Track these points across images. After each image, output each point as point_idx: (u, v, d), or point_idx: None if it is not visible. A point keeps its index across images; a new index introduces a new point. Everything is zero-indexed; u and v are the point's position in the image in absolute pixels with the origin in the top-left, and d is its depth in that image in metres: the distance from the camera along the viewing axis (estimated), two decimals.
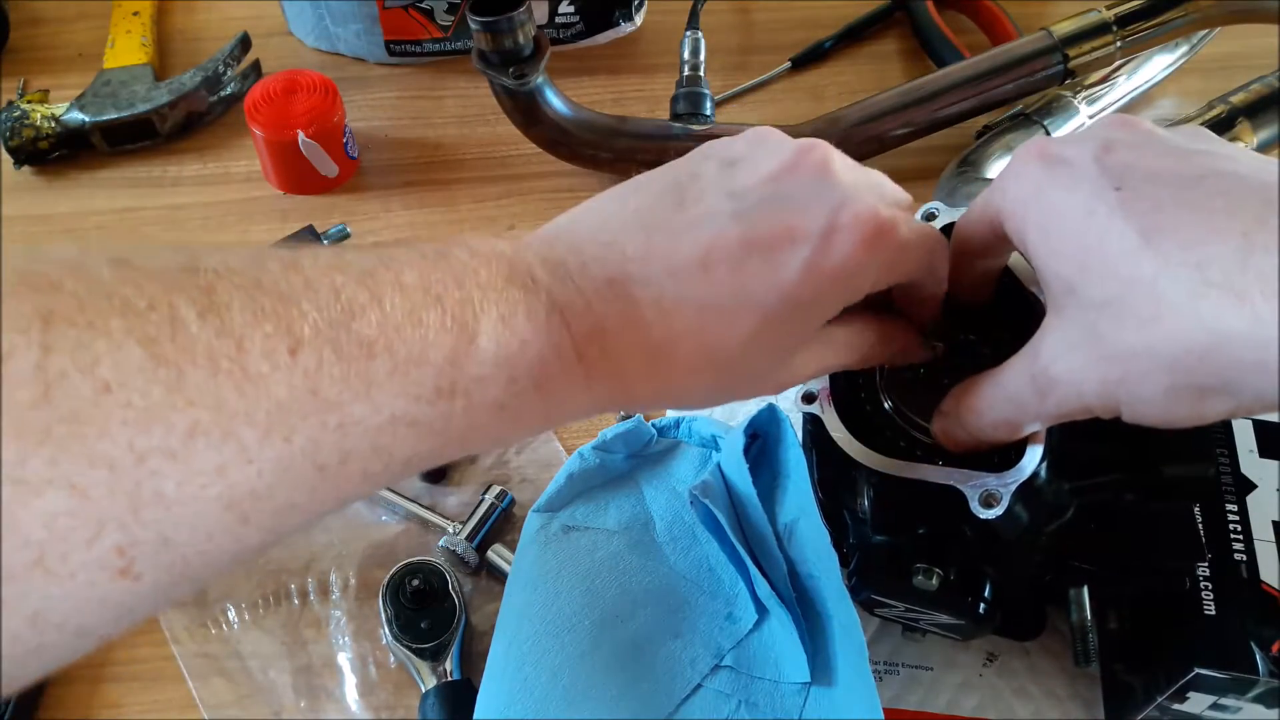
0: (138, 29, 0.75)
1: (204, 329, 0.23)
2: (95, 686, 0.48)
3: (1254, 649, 0.37)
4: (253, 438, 0.23)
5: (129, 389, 0.22)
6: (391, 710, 0.47)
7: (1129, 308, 0.28)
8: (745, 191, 0.32)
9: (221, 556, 0.24)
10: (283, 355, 0.24)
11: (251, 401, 0.23)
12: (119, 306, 0.22)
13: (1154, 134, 0.31)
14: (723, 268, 0.31)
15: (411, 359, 0.26)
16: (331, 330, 0.25)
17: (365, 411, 0.26)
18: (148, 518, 0.22)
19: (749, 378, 0.34)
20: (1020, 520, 0.36)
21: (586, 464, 0.49)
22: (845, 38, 0.76)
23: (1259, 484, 0.42)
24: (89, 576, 0.22)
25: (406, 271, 0.28)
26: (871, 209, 0.32)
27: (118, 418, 0.21)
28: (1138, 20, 0.62)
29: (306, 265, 0.26)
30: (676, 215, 0.32)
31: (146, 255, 0.24)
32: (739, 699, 0.42)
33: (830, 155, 0.33)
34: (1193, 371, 0.28)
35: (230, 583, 0.51)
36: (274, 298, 0.25)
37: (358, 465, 0.26)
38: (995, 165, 0.61)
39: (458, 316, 0.28)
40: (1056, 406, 0.32)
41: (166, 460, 0.22)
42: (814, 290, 0.31)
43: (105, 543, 0.21)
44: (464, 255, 0.29)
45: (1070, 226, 0.30)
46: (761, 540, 0.43)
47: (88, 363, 0.21)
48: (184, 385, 0.22)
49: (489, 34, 0.58)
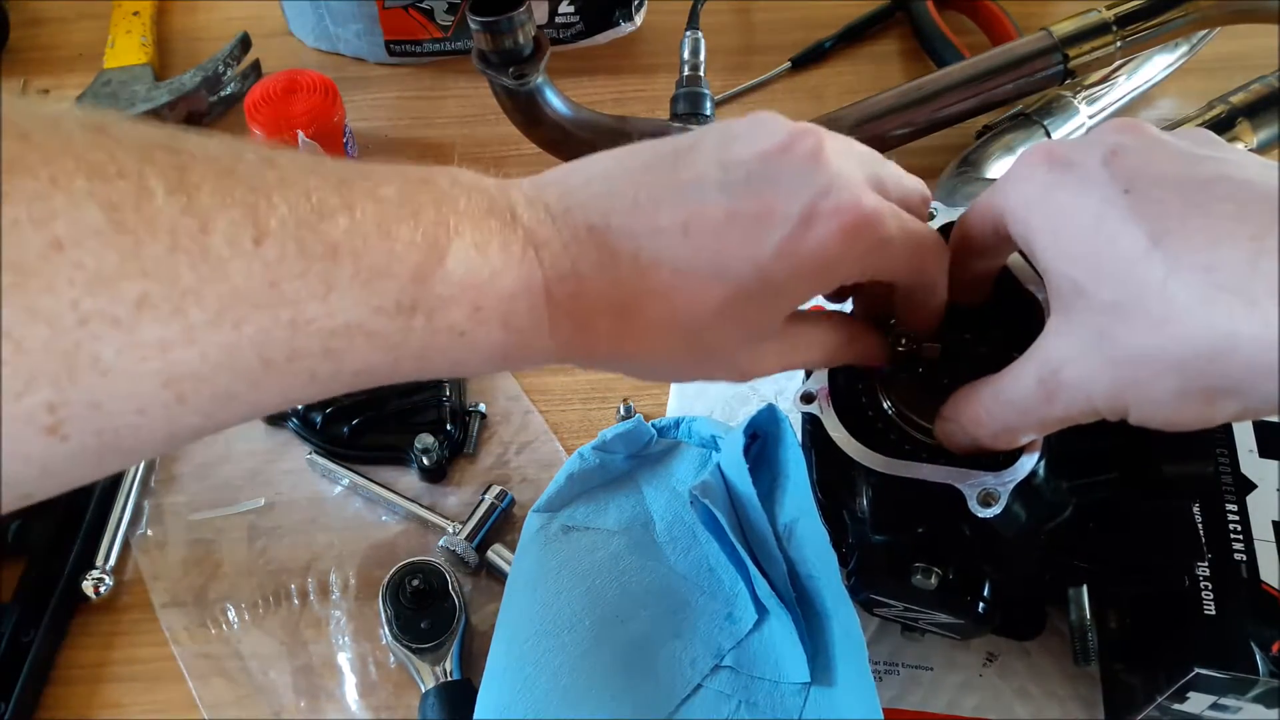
0: (138, 29, 0.75)
1: (170, 204, 0.23)
2: (95, 686, 0.48)
3: (1254, 649, 0.37)
4: (201, 319, 0.23)
5: (82, 249, 0.21)
6: (391, 710, 0.47)
7: (1139, 310, 0.28)
8: (736, 165, 0.32)
9: (154, 434, 0.24)
10: (246, 243, 0.24)
11: (206, 283, 0.23)
12: (86, 168, 0.22)
13: (1160, 138, 0.31)
14: (703, 235, 0.31)
15: (375, 269, 0.26)
16: (298, 228, 0.25)
17: (320, 312, 0.25)
18: (82, 381, 0.22)
19: (711, 354, 0.34)
20: (1018, 519, 0.36)
21: (586, 464, 0.49)
22: (845, 38, 0.76)
23: (1259, 484, 0.42)
24: (15, 430, 0.21)
25: (385, 186, 0.28)
26: (854, 199, 0.32)
27: (65, 276, 0.21)
28: (1138, 20, 0.62)
29: (284, 163, 0.26)
30: (668, 177, 0.32)
31: (125, 128, 0.24)
32: (739, 699, 0.42)
33: (823, 142, 0.33)
34: (1202, 374, 0.28)
35: (230, 583, 0.51)
36: (246, 187, 0.24)
37: (305, 365, 0.26)
38: (995, 165, 0.61)
39: (429, 235, 0.28)
40: (1064, 410, 0.32)
41: (109, 326, 0.22)
42: (787, 272, 0.32)
43: (35, 398, 0.21)
44: (446, 183, 0.30)
45: (1079, 229, 0.30)
46: (761, 540, 0.43)
47: (43, 216, 0.21)
48: (140, 255, 0.22)
49: (489, 34, 0.58)
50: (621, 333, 0.32)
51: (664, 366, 0.35)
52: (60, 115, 0.23)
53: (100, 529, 0.52)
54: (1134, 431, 0.31)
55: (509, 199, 0.31)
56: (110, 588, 0.50)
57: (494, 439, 0.56)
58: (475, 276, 0.29)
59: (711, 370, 0.35)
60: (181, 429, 0.25)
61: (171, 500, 0.54)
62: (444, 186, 0.29)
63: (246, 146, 0.26)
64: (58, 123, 0.23)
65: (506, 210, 0.30)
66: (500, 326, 0.30)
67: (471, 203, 0.29)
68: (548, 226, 0.31)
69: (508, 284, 0.29)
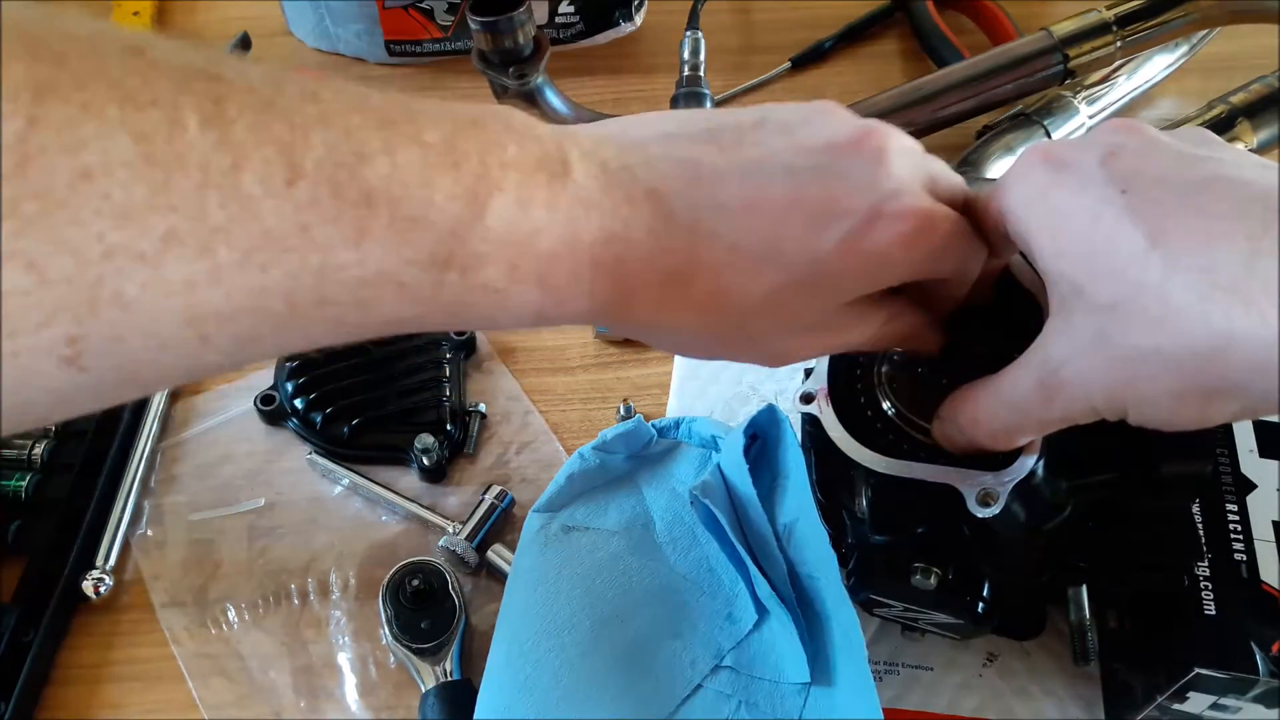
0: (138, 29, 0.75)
1: (203, 137, 0.22)
2: (95, 686, 0.48)
3: (1254, 649, 0.37)
4: (229, 259, 0.23)
5: (111, 180, 0.21)
6: (391, 710, 0.47)
7: (1137, 310, 0.28)
8: (804, 151, 0.32)
9: (174, 370, 0.24)
10: (278, 183, 0.23)
11: (235, 222, 0.23)
12: (119, 95, 0.21)
13: (1158, 139, 0.31)
14: (764, 217, 0.31)
15: (412, 219, 0.25)
16: (335, 170, 0.24)
17: (351, 260, 0.25)
18: (104, 314, 0.21)
19: (749, 336, 0.33)
20: (1018, 519, 0.36)
21: (586, 464, 0.50)
22: (845, 38, 0.76)
23: (1259, 484, 0.42)
24: (32, 360, 0.21)
25: (430, 130, 0.27)
26: (918, 206, 0.32)
27: (92, 207, 0.21)
28: (1138, 20, 0.62)
29: (326, 98, 0.25)
30: (734, 153, 0.32)
31: (165, 50, 0.23)
32: (739, 699, 0.42)
33: (889, 143, 0.33)
34: (1200, 374, 0.28)
35: (230, 583, 0.51)
36: (284, 123, 0.24)
37: (332, 311, 0.25)
38: (995, 165, 0.61)
39: (470, 187, 0.26)
40: (1063, 410, 0.32)
41: (134, 261, 0.21)
42: (843, 266, 0.31)
43: (55, 331, 0.21)
44: (498, 128, 0.28)
45: (1077, 229, 0.30)
46: (761, 541, 0.43)
47: (73, 144, 0.20)
48: (169, 189, 0.22)
49: (489, 34, 0.58)
50: (663, 301, 0.31)
51: (696, 341, 0.34)
52: (98, 35, 0.22)
53: (100, 529, 0.52)
54: (1134, 431, 0.31)
55: (563, 151, 0.29)
56: (110, 588, 0.50)
57: (494, 439, 0.56)
58: (515, 233, 0.27)
59: (743, 352, 0.35)
60: (201, 365, 0.24)
61: (171, 500, 0.54)
62: (495, 132, 0.28)
63: (290, 78, 0.25)
64: (95, 43, 0.22)
65: (559, 162, 0.29)
66: (536, 285, 0.29)
67: (523, 151, 0.28)
68: (601, 184, 0.30)
69: (549, 243, 0.28)
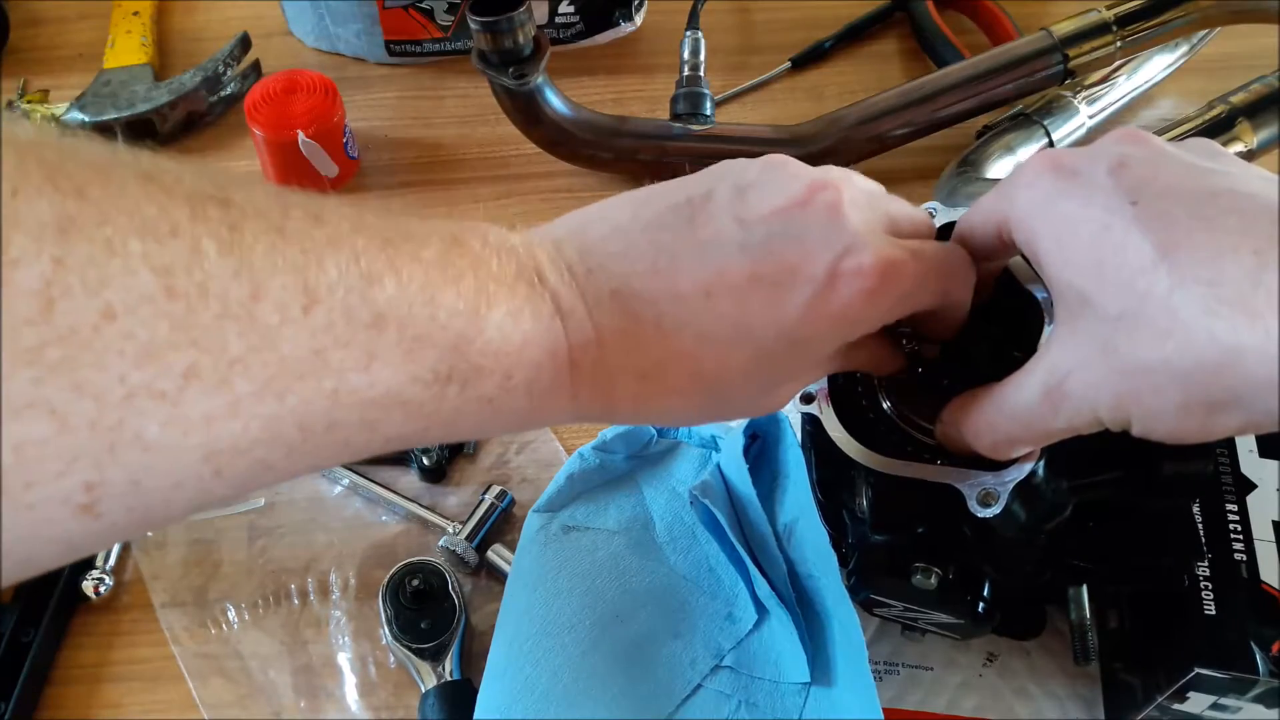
0: (138, 29, 0.75)
1: (222, 265, 0.22)
2: (95, 686, 0.48)
3: (1254, 649, 0.37)
4: (247, 390, 0.22)
5: (134, 319, 0.20)
6: (391, 710, 0.47)
7: (1144, 322, 0.28)
8: (755, 222, 0.32)
9: (183, 507, 0.23)
10: (295, 310, 0.23)
11: (254, 352, 0.22)
12: (138, 226, 0.21)
13: (1166, 150, 0.31)
14: (726, 299, 0.31)
15: (418, 337, 0.26)
16: (346, 295, 0.24)
17: (362, 382, 0.25)
18: (123, 457, 0.21)
19: (734, 404, 0.34)
20: (1018, 518, 0.36)
21: (586, 464, 0.50)
22: (845, 38, 0.75)
23: (1259, 484, 0.42)
24: (48, 511, 0.20)
25: (425, 248, 0.27)
26: (877, 258, 0.31)
27: (115, 348, 0.20)
28: (1138, 20, 0.62)
29: (330, 219, 0.25)
30: (686, 236, 0.32)
31: (173, 175, 0.23)
32: (739, 699, 0.42)
33: (842, 194, 0.32)
34: (1205, 386, 0.28)
35: (230, 583, 0.51)
36: (297, 249, 0.24)
37: (341, 435, 0.25)
38: (995, 165, 0.61)
39: (471, 303, 0.27)
40: (1068, 420, 0.32)
41: (155, 401, 0.21)
42: (813, 332, 0.32)
43: (74, 479, 0.20)
44: (478, 245, 0.29)
45: (1085, 238, 0.30)
46: (761, 540, 0.43)
47: (97, 283, 0.20)
48: (190, 324, 0.21)
49: (489, 34, 0.58)
50: (643, 394, 0.32)
51: (684, 418, 0.35)
52: (111, 164, 0.22)
53: None
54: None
55: (535, 259, 0.30)
56: (110, 588, 0.50)
57: (494, 439, 0.56)
58: (508, 345, 0.28)
59: (732, 415, 0.36)
60: (209, 499, 0.24)
61: None
62: (476, 249, 0.29)
63: (293, 198, 0.25)
64: (109, 173, 0.21)
65: (533, 272, 0.30)
66: (525, 393, 0.29)
67: (503, 266, 0.29)
68: (572, 291, 0.31)
69: (535, 352, 0.29)
